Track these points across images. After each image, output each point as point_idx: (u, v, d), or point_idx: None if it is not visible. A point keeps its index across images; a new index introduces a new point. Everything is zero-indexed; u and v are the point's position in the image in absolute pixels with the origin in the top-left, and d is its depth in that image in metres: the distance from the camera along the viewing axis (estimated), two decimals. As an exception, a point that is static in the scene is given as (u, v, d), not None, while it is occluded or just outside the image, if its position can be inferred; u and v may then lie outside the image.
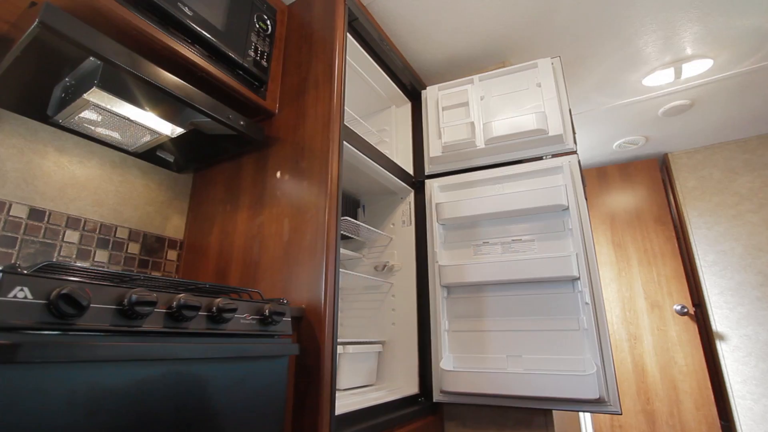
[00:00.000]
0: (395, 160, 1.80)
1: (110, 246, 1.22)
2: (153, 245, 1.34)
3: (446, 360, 1.37)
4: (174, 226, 1.42)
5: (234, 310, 0.77)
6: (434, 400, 1.37)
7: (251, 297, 0.94)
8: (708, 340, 2.41)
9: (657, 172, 2.71)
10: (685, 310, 2.35)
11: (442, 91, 1.69)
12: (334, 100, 1.19)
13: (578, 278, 1.27)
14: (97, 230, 1.20)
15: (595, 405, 1.14)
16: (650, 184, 2.69)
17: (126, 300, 0.63)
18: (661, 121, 2.34)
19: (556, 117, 1.45)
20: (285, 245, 1.13)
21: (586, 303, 1.23)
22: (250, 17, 1.25)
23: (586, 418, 2.48)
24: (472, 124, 1.56)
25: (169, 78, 0.98)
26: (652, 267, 2.52)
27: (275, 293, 1.10)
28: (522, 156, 1.50)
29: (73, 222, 1.15)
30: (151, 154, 1.35)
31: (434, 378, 1.39)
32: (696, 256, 2.49)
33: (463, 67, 1.89)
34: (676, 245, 2.51)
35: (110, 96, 1.01)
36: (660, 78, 1.91)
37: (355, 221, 1.46)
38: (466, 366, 1.38)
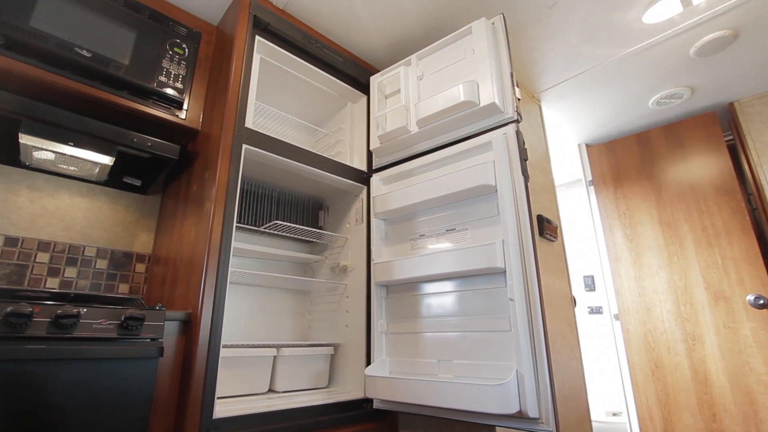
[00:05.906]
0: (351, 158, 1.75)
1: (78, 263, 1.43)
2: (120, 260, 1.53)
3: (376, 364, 1.29)
4: (142, 242, 1.60)
5: (74, 317, 0.84)
6: (374, 407, 1.30)
7: (139, 305, 1.01)
8: (803, 340, 1.81)
9: (716, 128, 2.14)
10: (762, 301, 1.81)
11: (382, 77, 1.60)
12: (227, 105, 1.22)
13: (505, 270, 1.08)
14: (66, 251, 1.42)
15: (516, 421, 0.95)
16: (708, 145, 2.14)
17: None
18: (699, 63, 1.85)
19: (489, 85, 1.26)
20: (191, 252, 1.20)
21: (511, 299, 1.04)
22: (162, 46, 1.35)
23: (635, 435, 2.07)
24: (404, 108, 1.44)
25: (65, 115, 1.12)
26: (713, 248, 2.00)
27: (178, 299, 1.17)
28: (459, 136, 1.34)
29: (44, 245, 1.37)
30: (118, 181, 1.54)
31: (371, 383, 1.31)
32: (780, 231, 1.89)
33: (414, 48, 1.75)
34: (748, 219, 1.94)
35: (37, 138, 1.19)
36: (665, 9, 1.52)
37: (286, 223, 1.46)
38: (402, 371, 1.27)
